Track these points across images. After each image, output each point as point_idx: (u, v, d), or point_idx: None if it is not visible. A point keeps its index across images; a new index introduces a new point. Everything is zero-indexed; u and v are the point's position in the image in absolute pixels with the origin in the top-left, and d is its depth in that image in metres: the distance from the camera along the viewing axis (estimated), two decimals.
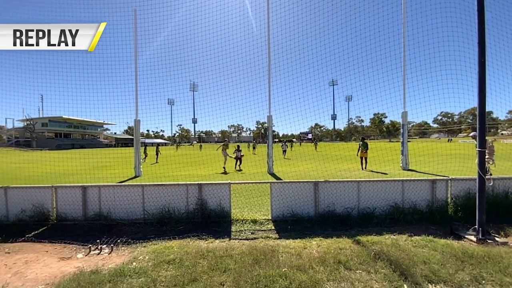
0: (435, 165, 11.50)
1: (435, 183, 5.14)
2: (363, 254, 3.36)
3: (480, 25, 4.09)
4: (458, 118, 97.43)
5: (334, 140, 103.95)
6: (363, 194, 5.14)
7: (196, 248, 3.70)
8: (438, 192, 5.12)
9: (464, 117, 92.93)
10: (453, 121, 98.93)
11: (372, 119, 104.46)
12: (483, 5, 4.08)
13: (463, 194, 5.06)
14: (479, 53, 4.11)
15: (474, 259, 3.16)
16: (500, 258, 3.14)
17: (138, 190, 5.28)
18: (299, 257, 3.37)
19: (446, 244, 3.63)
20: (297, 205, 5.15)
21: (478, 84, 4.12)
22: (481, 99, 4.10)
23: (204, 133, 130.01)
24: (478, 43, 4.12)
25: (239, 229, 4.73)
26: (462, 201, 5.00)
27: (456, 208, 4.96)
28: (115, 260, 3.51)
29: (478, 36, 4.12)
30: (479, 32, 4.11)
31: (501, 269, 2.90)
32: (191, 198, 5.22)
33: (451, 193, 5.15)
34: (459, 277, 2.80)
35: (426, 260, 3.18)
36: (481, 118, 4.15)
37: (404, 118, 12.63)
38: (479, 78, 4.11)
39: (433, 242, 3.73)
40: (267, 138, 12.63)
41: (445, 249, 3.47)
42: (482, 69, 4.09)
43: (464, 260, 3.16)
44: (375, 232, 4.19)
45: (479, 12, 4.09)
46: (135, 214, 5.21)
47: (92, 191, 5.34)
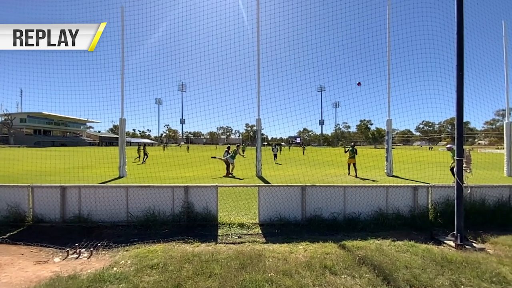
0: (417, 172, 11.94)
1: (417, 190, 5.32)
2: (348, 259, 3.40)
3: (459, 41, 4.32)
4: (438, 127, 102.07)
5: (322, 145, 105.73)
6: (349, 199, 5.24)
7: (181, 252, 3.61)
8: (419, 199, 5.30)
9: (444, 126, 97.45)
10: (433, 130, 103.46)
11: (359, 126, 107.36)
12: (461, 22, 4.32)
13: (442, 201, 5.27)
14: (457, 67, 4.33)
15: (453, 264, 3.28)
16: (477, 264, 3.28)
17: (122, 192, 5.10)
18: (285, 261, 3.37)
19: (427, 249, 3.76)
20: (284, 209, 5.17)
21: (456, 96, 4.34)
22: (459, 111, 4.31)
23: (192, 134, 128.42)
24: (456, 57, 4.34)
25: (226, 233, 4.67)
26: (441, 207, 5.21)
27: (436, 214, 5.15)
28: (94, 265, 3.35)
29: (456, 51, 4.35)
30: (458, 48, 4.34)
31: (479, 274, 3.03)
32: (177, 201, 5.10)
33: (431, 200, 5.34)
34: (439, 282, 2.90)
35: (408, 264, 3.27)
36: (459, 128, 4.36)
37: (388, 126, 13.04)
38: (457, 90, 4.32)
39: (415, 247, 3.84)
40: (256, 141, 12.64)
41: (426, 254, 3.58)
42: (460, 82, 4.31)
43: (443, 265, 3.28)
44: (360, 237, 4.27)
45: (458, 28, 4.33)
46: (118, 216, 5.02)
47: (72, 191, 5.11)
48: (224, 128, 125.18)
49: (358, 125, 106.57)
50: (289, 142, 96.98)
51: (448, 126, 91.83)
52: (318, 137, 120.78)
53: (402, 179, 11.32)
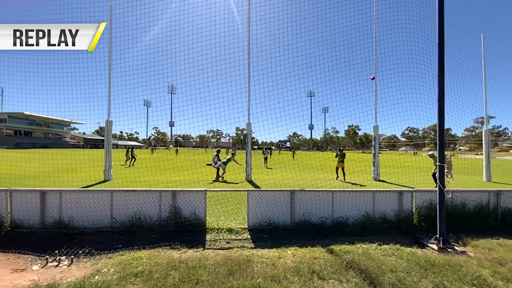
0: (402, 177, 12.28)
1: (402, 194, 5.47)
2: (336, 264, 3.43)
3: (440, 52, 4.53)
4: (422, 133, 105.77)
5: (311, 149, 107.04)
6: (337, 203, 5.30)
7: (168, 259, 3.52)
8: (404, 203, 5.44)
9: (428, 132, 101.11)
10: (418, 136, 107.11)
11: (347, 131, 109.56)
12: (442, 34, 4.53)
13: (426, 205, 5.43)
14: (439, 77, 4.53)
15: (436, 268, 3.38)
16: (459, 267, 3.39)
17: (106, 196, 4.94)
18: (274, 267, 3.35)
19: (411, 253, 3.85)
20: (273, 213, 5.16)
21: (438, 104, 4.52)
22: (440, 118, 4.50)
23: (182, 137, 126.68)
24: (438, 68, 4.54)
25: (214, 238, 4.60)
26: (425, 211, 5.36)
27: (420, 218, 5.30)
28: (75, 273, 3.21)
29: (438, 62, 4.55)
30: (439, 58, 4.54)
31: (460, 277, 3.13)
32: (165, 206, 4.99)
33: (415, 204, 5.50)
34: (423, 285, 2.97)
35: (393, 268, 3.34)
36: (441, 135, 4.54)
37: (375, 131, 13.38)
38: (439, 100, 4.51)
39: (400, 250, 3.93)
40: (246, 145, 12.63)
41: (410, 258, 3.67)
42: (441, 92, 4.50)
43: (427, 268, 3.37)
44: (347, 241, 4.32)
45: (439, 40, 4.54)
46: (101, 222, 4.84)
47: (52, 196, 4.89)
48: (214, 132, 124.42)
49: (347, 130, 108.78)
50: (279, 146, 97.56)
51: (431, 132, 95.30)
52: (307, 141, 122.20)
53: (388, 183, 11.60)
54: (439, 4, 4.54)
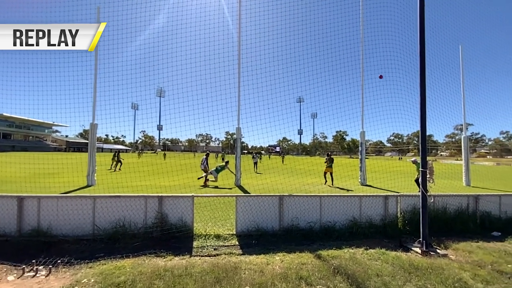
0: (388, 182, 12.61)
1: (388, 199, 5.60)
2: (323, 269, 3.44)
3: (421, 62, 4.74)
4: (407, 139, 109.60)
5: (300, 154, 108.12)
6: (325, 208, 5.36)
7: (152, 267, 3.41)
8: (390, 207, 5.57)
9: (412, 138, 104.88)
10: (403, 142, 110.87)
11: (335, 136, 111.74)
12: (424, 45, 4.76)
13: (410, 209, 5.59)
14: (420, 85, 4.73)
15: (420, 271, 3.46)
16: (441, 270, 3.49)
17: (88, 202, 4.75)
18: (261, 273, 3.32)
19: (396, 257, 3.93)
20: (262, 219, 5.14)
21: (420, 113, 4.71)
22: (422, 126, 4.68)
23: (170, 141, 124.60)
24: (420, 77, 4.75)
25: (201, 244, 4.51)
26: (409, 215, 5.51)
27: (405, 222, 5.44)
28: (53, 284, 3.04)
29: (420, 72, 4.76)
30: (420, 68, 4.75)
31: (442, 280, 3.22)
32: (150, 212, 4.86)
33: (400, 208, 5.64)
34: None
35: (379, 272, 3.39)
36: (423, 142, 4.72)
37: (362, 137, 13.71)
38: (421, 107, 4.70)
39: (385, 254, 4.01)
40: (236, 149, 12.58)
41: (395, 261, 3.75)
42: (423, 100, 4.69)
43: (411, 272, 3.45)
44: (335, 246, 4.36)
45: (421, 49, 4.76)
46: (82, 229, 4.64)
47: (30, 202, 4.65)
48: (204, 136, 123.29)
49: (335, 135, 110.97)
50: (269, 151, 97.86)
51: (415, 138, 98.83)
52: (297, 146, 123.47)
53: (374, 188, 11.86)
54: (420, 17, 4.77)
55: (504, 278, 3.37)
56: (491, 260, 3.90)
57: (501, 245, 4.62)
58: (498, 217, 5.91)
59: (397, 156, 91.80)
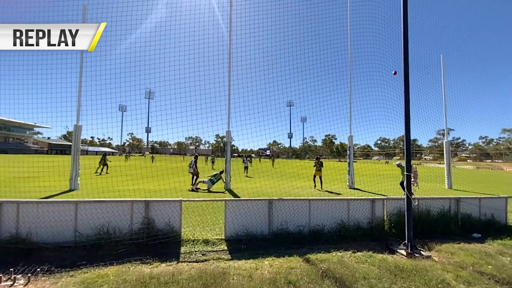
0: (375, 185, 12.89)
1: (374, 202, 5.71)
2: (312, 273, 3.45)
3: (405, 69, 4.92)
4: (393, 143, 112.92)
5: (290, 157, 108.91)
6: (313, 212, 5.39)
7: (137, 275, 3.30)
8: (376, 210, 5.69)
9: (398, 142, 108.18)
10: (389, 146, 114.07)
11: (324, 140, 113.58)
12: (407, 52, 4.95)
13: (395, 212, 5.73)
14: (405, 91, 4.90)
15: (405, 273, 3.54)
16: (425, 272, 3.59)
17: (70, 208, 4.56)
18: (250, 279, 3.29)
19: (383, 259, 4.00)
20: (251, 223, 5.11)
21: (404, 118, 4.87)
22: (407, 131, 4.84)
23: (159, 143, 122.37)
24: (404, 83, 4.92)
25: (189, 250, 4.42)
26: (395, 218, 5.65)
27: (391, 225, 5.56)
28: None
29: (404, 78, 4.93)
30: (404, 75, 4.93)
31: (426, 281, 3.31)
32: (137, 217, 4.72)
33: (386, 211, 5.77)
34: None
35: (366, 275, 3.44)
36: (407, 146, 4.87)
37: (350, 141, 13.99)
38: (405, 114, 4.86)
39: (372, 257, 4.07)
40: (225, 153, 12.50)
41: (382, 264, 3.81)
42: (407, 107, 4.86)
43: (396, 274, 3.52)
44: (323, 250, 4.38)
45: (404, 56, 4.94)
46: (64, 236, 4.44)
47: (8, 208, 4.41)
48: (193, 139, 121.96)
49: (324, 139, 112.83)
50: (259, 154, 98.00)
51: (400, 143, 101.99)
52: (287, 149, 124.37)
53: (362, 191, 12.09)
54: (403, 25, 4.96)
55: (485, 278, 3.49)
56: (472, 261, 4.04)
57: (482, 246, 4.80)
58: (478, 219, 6.16)
59: (384, 159, 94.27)
